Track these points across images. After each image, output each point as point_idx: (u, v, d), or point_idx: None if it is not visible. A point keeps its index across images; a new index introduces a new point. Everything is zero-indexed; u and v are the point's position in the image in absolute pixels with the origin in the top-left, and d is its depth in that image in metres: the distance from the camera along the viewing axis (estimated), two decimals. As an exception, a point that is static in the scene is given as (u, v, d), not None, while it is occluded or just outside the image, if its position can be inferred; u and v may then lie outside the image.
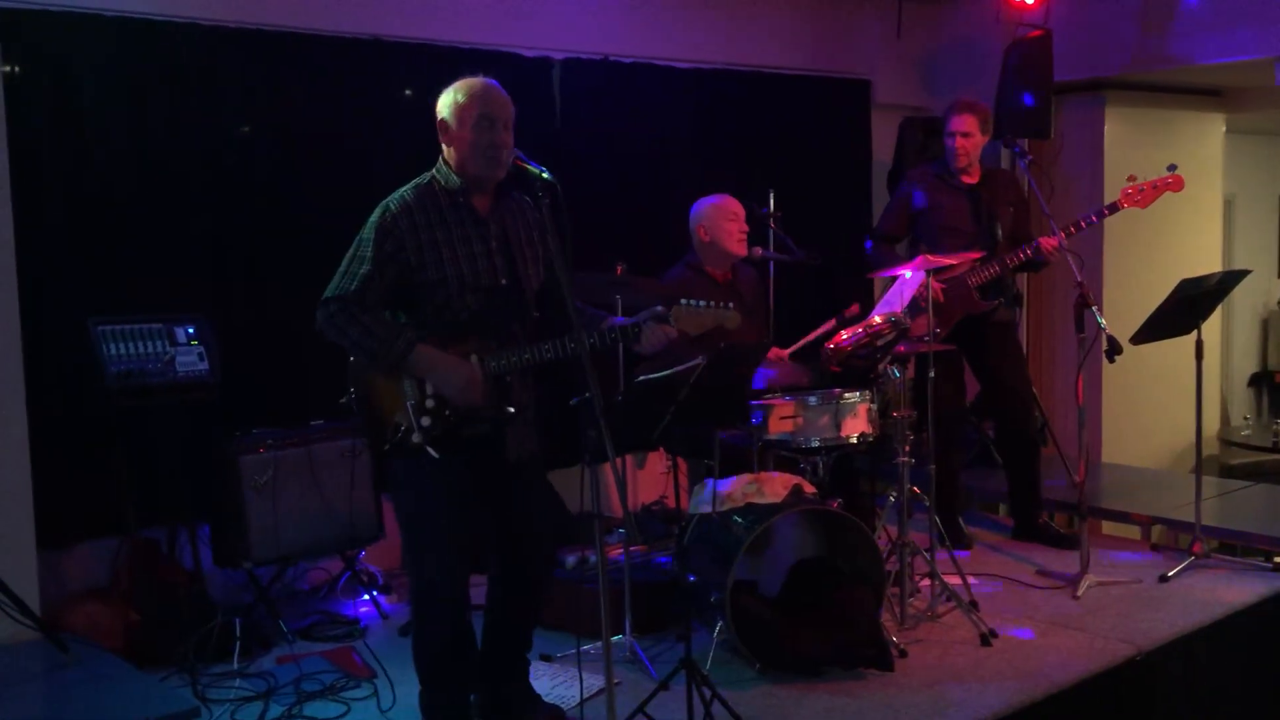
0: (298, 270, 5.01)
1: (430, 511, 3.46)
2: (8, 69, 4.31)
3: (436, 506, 3.45)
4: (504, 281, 3.45)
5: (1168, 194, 5.21)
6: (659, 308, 3.41)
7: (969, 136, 5.37)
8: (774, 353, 5.06)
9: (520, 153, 3.37)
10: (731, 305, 3.45)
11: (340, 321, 3.35)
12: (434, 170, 3.49)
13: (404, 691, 3.90)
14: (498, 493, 3.57)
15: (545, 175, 3.29)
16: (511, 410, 3.47)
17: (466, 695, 3.65)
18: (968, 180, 5.46)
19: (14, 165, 4.21)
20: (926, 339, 4.60)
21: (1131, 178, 5.20)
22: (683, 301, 3.39)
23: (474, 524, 3.56)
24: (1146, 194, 5.19)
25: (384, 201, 3.42)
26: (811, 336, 5.15)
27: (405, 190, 3.45)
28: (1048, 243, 5.18)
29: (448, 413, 3.39)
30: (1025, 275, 6.62)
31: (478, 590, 3.64)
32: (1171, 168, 5.17)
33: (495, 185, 3.47)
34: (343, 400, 3.50)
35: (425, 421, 3.38)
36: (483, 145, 3.36)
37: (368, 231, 3.39)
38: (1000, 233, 5.40)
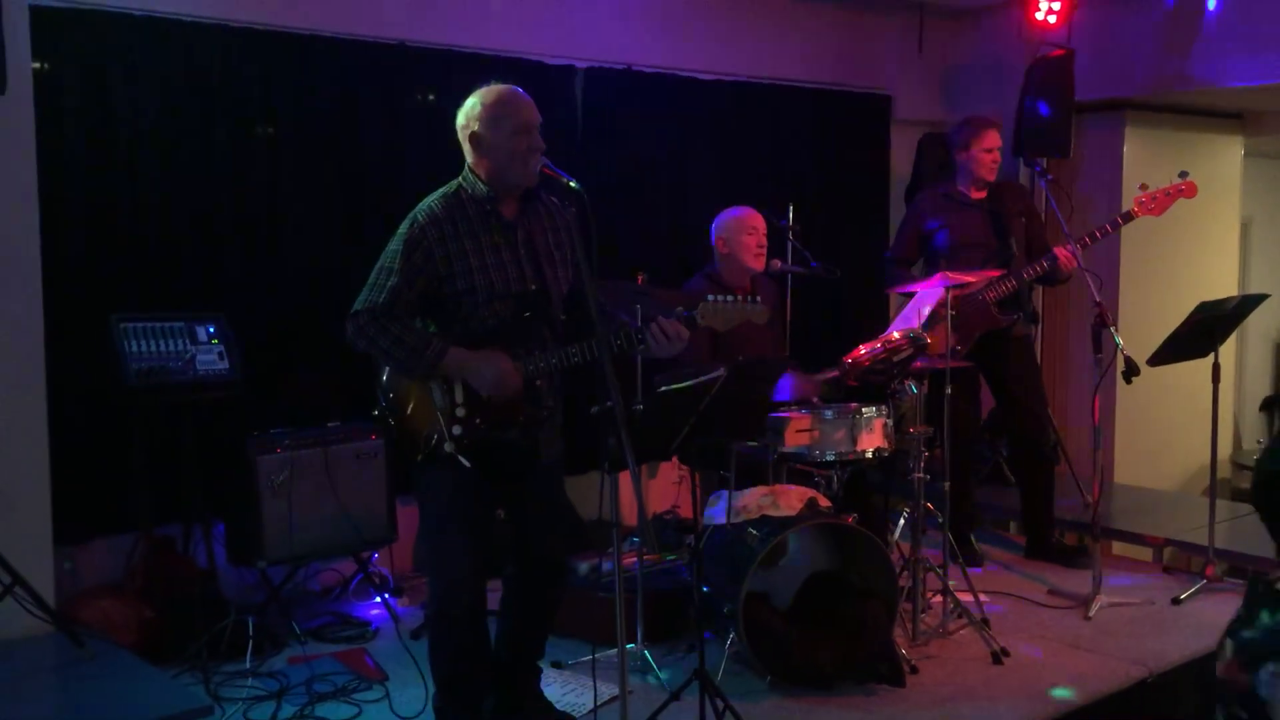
0: (318, 271, 5.04)
1: (457, 520, 3.47)
2: (37, 65, 4.32)
3: (463, 515, 3.46)
4: (533, 287, 3.46)
5: (1187, 217, 5.22)
6: (680, 309, 3.41)
7: (1002, 151, 5.40)
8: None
9: (549, 161, 3.39)
10: (759, 299, 3.46)
11: (370, 333, 3.37)
12: (460, 179, 3.49)
13: (415, 695, 3.91)
14: (517, 496, 3.58)
15: (573, 184, 3.30)
16: (544, 413, 3.48)
17: (481, 700, 3.65)
18: (977, 195, 5.47)
19: (40, 161, 4.23)
20: (945, 356, 4.61)
21: (1143, 186, 5.22)
22: (710, 297, 3.39)
23: (492, 530, 3.57)
24: (1160, 201, 5.19)
25: (411, 213, 3.43)
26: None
27: (433, 200, 3.45)
28: (1064, 254, 5.19)
29: (478, 420, 3.40)
30: (1042, 294, 6.61)
31: (490, 595, 3.64)
32: (1183, 174, 5.18)
33: (522, 191, 3.49)
34: (375, 413, 3.52)
35: (456, 430, 3.39)
36: (521, 152, 3.38)
37: (395, 243, 3.40)
38: (1015, 246, 5.40)
